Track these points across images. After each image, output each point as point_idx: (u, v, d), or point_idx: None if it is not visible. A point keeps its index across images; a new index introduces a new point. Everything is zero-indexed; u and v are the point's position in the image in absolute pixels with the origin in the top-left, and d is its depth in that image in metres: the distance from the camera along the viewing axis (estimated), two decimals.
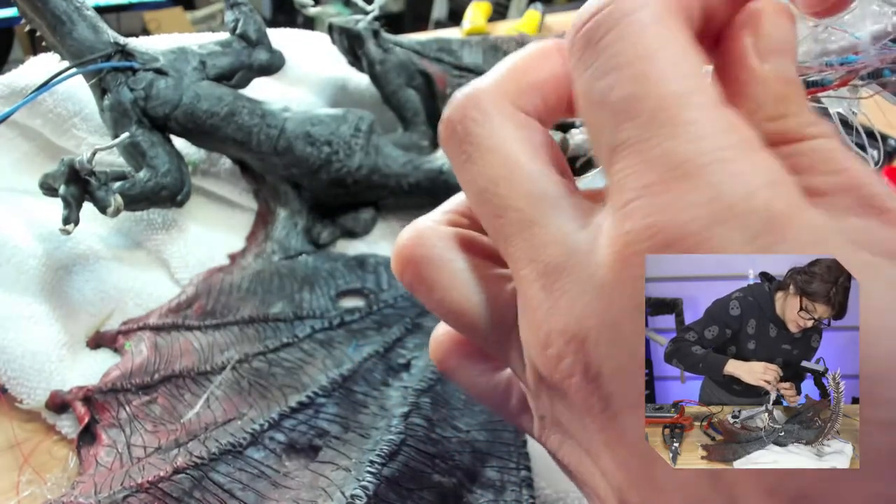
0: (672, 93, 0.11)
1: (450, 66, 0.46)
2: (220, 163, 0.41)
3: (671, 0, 0.12)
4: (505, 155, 0.14)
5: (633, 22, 0.12)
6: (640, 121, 0.11)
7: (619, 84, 0.12)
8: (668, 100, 0.11)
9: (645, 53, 0.11)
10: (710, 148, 0.11)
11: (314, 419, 0.29)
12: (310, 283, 0.36)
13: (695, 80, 0.11)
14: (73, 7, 0.33)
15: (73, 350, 0.31)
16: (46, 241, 0.34)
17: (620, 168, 0.11)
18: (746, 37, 0.13)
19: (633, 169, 0.11)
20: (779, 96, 0.13)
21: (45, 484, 0.26)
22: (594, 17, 0.12)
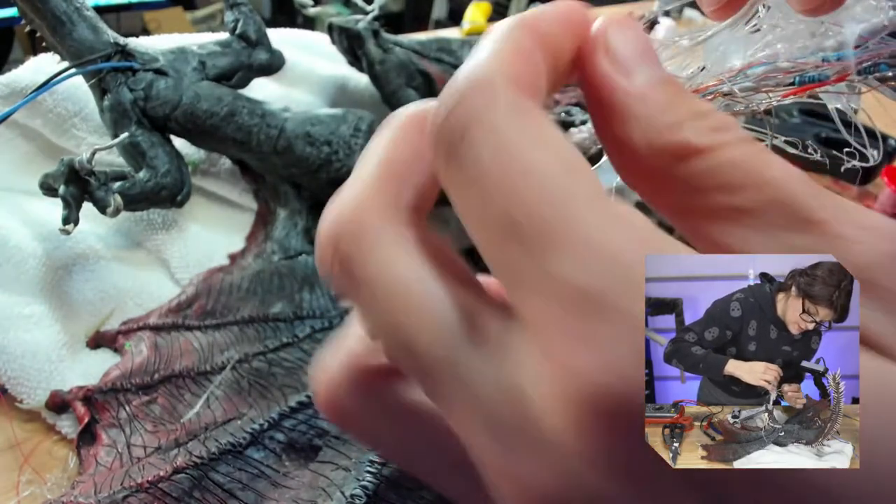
0: (549, 204, 0.10)
1: (450, 66, 0.46)
2: (220, 163, 0.41)
3: (518, 79, 0.11)
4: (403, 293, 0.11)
5: (487, 125, 0.10)
6: (525, 246, 0.10)
7: (491, 201, 0.10)
8: (548, 214, 0.10)
9: (510, 163, 0.10)
10: (607, 267, 0.09)
11: (314, 419, 0.29)
12: (310, 283, 0.36)
13: (568, 176, 0.10)
14: (73, 8, 0.33)
15: (73, 350, 0.31)
16: (46, 241, 0.34)
17: (523, 298, 0.10)
18: (602, 62, 0.12)
19: (538, 306, 0.10)
20: (662, 105, 0.12)
21: (45, 484, 0.26)
22: (448, 120, 0.11)
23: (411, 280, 0.11)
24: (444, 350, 0.11)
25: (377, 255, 0.11)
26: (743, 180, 0.11)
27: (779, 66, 0.17)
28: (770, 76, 0.17)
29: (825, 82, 0.16)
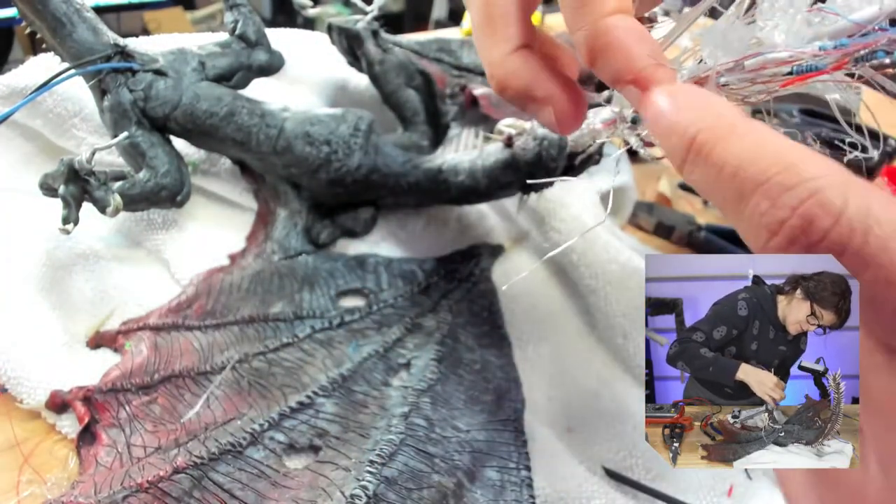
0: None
1: (449, 66, 0.46)
2: (219, 163, 0.41)
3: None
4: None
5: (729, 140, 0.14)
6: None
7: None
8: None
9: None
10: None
11: (314, 419, 0.29)
12: (310, 282, 0.36)
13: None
14: (72, 9, 0.33)
15: (74, 350, 0.31)
16: (46, 241, 0.34)
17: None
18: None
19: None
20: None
21: (45, 484, 0.26)
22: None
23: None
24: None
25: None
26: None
27: (776, 57, 0.17)
28: (767, 67, 0.17)
29: (822, 71, 0.16)
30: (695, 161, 0.14)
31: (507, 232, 0.44)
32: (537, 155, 0.36)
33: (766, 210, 0.13)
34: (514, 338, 0.37)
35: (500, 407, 0.32)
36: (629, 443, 0.33)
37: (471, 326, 0.37)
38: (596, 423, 0.34)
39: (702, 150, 0.14)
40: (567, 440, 0.33)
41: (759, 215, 0.13)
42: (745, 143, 0.14)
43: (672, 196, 0.55)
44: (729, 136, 0.14)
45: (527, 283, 0.40)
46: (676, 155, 0.15)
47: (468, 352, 0.35)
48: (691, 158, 0.14)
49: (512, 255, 0.43)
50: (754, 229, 0.13)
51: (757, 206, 0.13)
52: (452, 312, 0.37)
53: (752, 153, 0.13)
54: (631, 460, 0.33)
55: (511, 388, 0.34)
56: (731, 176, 0.14)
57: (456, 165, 0.38)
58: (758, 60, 0.17)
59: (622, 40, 0.17)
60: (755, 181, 0.13)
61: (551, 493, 0.29)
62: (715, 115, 0.15)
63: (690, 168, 0.15)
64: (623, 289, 0.39)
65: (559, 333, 0.39)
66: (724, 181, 0.14)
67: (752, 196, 0.13)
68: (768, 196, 0.13)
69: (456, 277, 0.39)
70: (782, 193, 0.13)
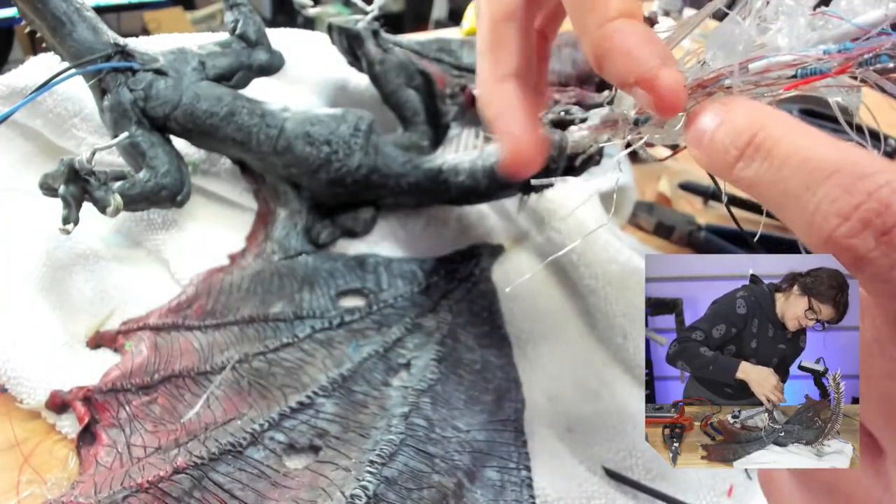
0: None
1: (449, 66, 0.46)
2: (220, 163, 0.41)
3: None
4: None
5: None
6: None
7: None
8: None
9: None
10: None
11: (314, 419, 0.29)
12: (310, 282, 0.36)
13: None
14: (72, 8, 0.33)
15: (74, 350, 0.31)
16: (46, 241, 0.34)
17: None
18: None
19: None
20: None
21: (45, 484, 0.26)
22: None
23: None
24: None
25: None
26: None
27: (780, 60, 0.17)
28: (771, 70, 0.17)
29: (826, 74, 0.16)
30: (753, 156, 0.15)
31: (508, 232, 0.44)
32: None
33: (837, 196, 0.13)
34: (513, 338, 0.37)
35: (500, 407, 0.32)
36: (629, 443, 0.33)
37: (471, 326, 0.37)
38: (596, 423, 0.34)
39: (763, 145, 0.15)
40: (567, 440, 0.33)
41: (829, 201, 0.13)
42: (810, 139, 0.14)
43: (672, 196, 0.55)
44: (792, 131, 0.15)
45: (527, 284, 0.40)
46: (728, 154, 0.15)
47: (468, 352, 0.35)
48: (749, 153, 0.15)
49: (512, 255, 0.43)
50: (822, 216, 0.13)
51: (827, 194, 0.13)
52: (452, 312, 0.37)
53: (820, 147, 0.14)
54: (631, 460, 0.33)
55: (511, 388, 0.34)
56: (797, 166, 0.14)
57: (456, 165, 0.38)
58: (762, 63, 0.17)
59: (624, 44, 0.17)
60: (827, 170, 0.14)
61: (551, 493, 0.29)
62: (776, 115, 0.15)
63: (746, 163, 0.15)
64: (623, 289, 0.39)
65: (559, 333, 0.39)
66: (790, 171, 0.14)
67: (822, 184, 0.13)
68: (841, 184, 0.13)
69: (456, 277, 0.39)
70: (857, 181, 0.13)
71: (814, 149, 0.14)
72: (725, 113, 0.16)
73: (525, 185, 0.38)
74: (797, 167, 0.14)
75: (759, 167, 0.15)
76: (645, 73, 0.17)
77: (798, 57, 0.16)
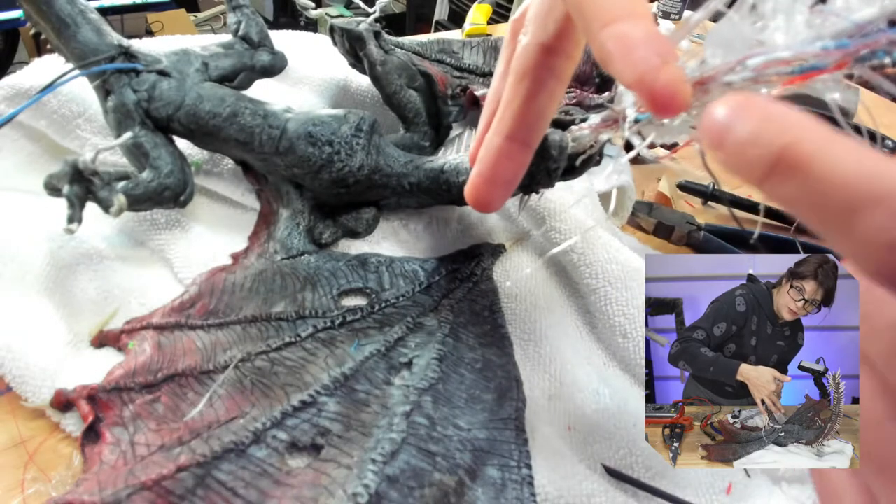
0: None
1: (451, 67, 0.47)
2: (222, 163, 0.41)
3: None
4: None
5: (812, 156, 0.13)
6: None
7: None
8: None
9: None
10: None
11: (316, 418, 0.29)
12: (312, 282, 0.36)
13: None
14: (77, 10, 0.33)
15: (78, 349, 0.32)
16: (50, 241, 0.35)
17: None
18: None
19: None
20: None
21: (50, 482, 0.27)
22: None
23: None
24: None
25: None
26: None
27: (778, 56, 0.17)
28: (769, 66, 0.17)
29: (824, 71, 0.16)
30: (786, 174, 0.13)
31: (508, 232, 0.45)
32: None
33: (886, 225, 0.12)
34: (514, 337, 0.38)
35: (502, 406, 0.33)
36: (629, 441, 0.33)
37: (472, 325, 0.37)
38: (596, 422, 0.34)
39: (797, 162, 0.13)
40: (567, 438, 0.33)
41: (877, 230, 0.12)
42: (851, 156, 0.13)
43: (672, 196, 0.55)
44: (830, 146, 0.13)
45: (527, 283, 0.41)
46: (757, 169, 0.14)
47: (469, 351, 0.35)
48: (781, 170, 0.13)
49: (513, 254, 0.43)
50: (873, 247, 0.12)
51: (874, 221, 0.12)
52: (454, 312, 0.37)
53: (863, 165, 0.12)
54: (631, 458, 0.33)
55: (512, 386, 0.34)
56: (838, 189, 0.12)
57: (457, 166, 0.38)
58: (760, 60, 0.17)
59: (623, 47, 0.17)
60: (873, 194, 0.12)
61: (552, 490, 0.29)
62: (809, 125, 0.13)
63: (778, 181, 0.13)
64: (623, 289, 0.39)
65: (559, 333, 0.39)
66: (830, 195, 0.13)
67: (867, 210, 0.12)
68: (890, 209, 0.12)
69: (457, 277, 0.39)
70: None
71: (858, 167, 0.12)
72: (748, 117, 0.14)
73: (525, 185, 0.38)
74: (838, 190, 0.12)
75: (795, 187, 0.13)
76: (643, 74, 0.16)
77: (796, 53, 0.16)
